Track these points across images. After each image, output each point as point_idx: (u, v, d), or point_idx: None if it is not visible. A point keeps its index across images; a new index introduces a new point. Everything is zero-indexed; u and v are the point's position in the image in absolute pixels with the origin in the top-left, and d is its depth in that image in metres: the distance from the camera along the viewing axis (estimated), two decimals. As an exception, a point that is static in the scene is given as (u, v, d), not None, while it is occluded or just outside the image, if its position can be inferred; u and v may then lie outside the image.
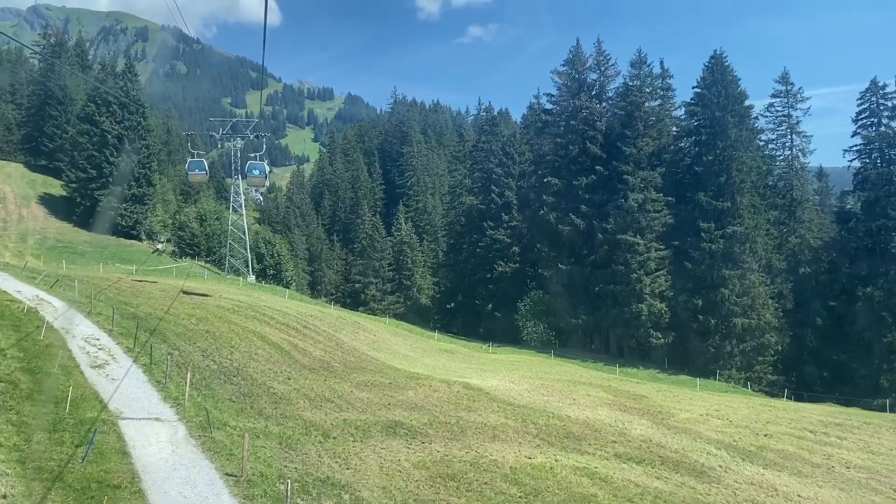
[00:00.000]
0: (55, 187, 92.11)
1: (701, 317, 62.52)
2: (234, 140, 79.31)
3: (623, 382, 49.36)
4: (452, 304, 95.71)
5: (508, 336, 79.78)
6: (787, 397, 53.78)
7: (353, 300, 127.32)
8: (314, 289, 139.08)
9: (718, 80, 65.83)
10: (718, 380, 59.53)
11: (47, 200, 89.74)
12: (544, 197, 68.31)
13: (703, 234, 63.13)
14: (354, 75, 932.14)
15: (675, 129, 70.15)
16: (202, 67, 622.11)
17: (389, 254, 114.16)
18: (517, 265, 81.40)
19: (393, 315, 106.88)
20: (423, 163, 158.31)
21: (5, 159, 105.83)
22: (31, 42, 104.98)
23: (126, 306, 40.78)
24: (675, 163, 70.27)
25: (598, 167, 66.01)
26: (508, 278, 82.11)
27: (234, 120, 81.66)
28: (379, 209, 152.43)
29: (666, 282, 63.40)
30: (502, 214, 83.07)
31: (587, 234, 65.78)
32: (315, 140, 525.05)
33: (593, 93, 71.62)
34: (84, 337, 32.73)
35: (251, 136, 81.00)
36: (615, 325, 64.64)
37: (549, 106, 73.07)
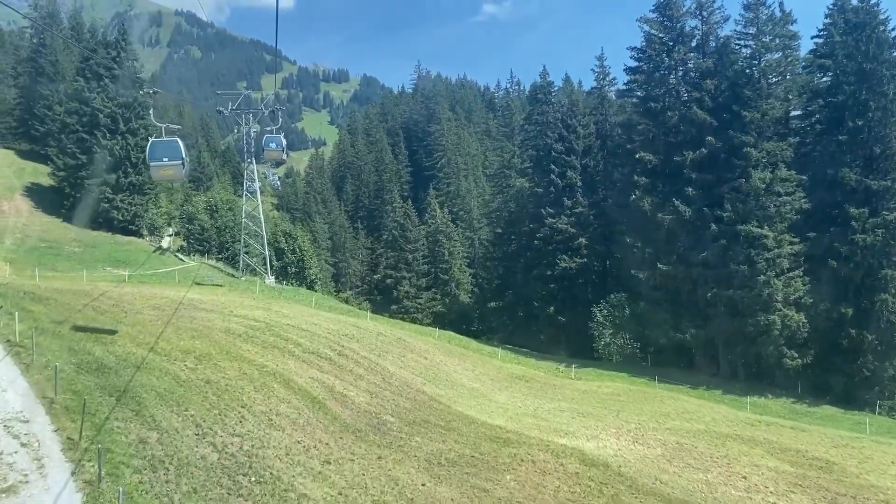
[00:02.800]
0: (45, 177, 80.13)
1: (853, 330, 48.99)
2: (246, 116, 66.60)
3: (781, 432, 36.29)
4: (500, 304, 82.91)
5: (576, 345, 66.93)
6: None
7: (382, 295, 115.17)
8: (338, 281, 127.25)
9: (863, 22, 51.84)
10: (879, 413, 46.25)
11: (34, 192, 77.79)
12: (635, 178, 54.41)
13: (853, 223, 49.37)
14: (369, 56, 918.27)
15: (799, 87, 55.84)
16: (217, 52, 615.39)
17: (423, 244, 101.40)
18: (583, 260, 68.19)
19: (431, 315, 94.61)
20: (453, 141, 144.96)
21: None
22: (24, 18, 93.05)
23: (91, 347, 28.33)
24: (800, 131, 56.52)
25: (708, 138, 51.99)
26: (573, 276, 68.94)
27: (246, 91, 68.90)
28: (406, 193, 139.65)
29: (804, 285, 49.74)
30: (564, 199, 69.77)
31: (695, 224, 52.07)
32: (331, 123, 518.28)
33: (694, 44, 57.59)
34: (2, 419, 20.34)
35: (265, 112, 68.31)
36: (733, 342, 51.34)
37: (634, 63, 59.36)
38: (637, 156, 53.97)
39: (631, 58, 59.78)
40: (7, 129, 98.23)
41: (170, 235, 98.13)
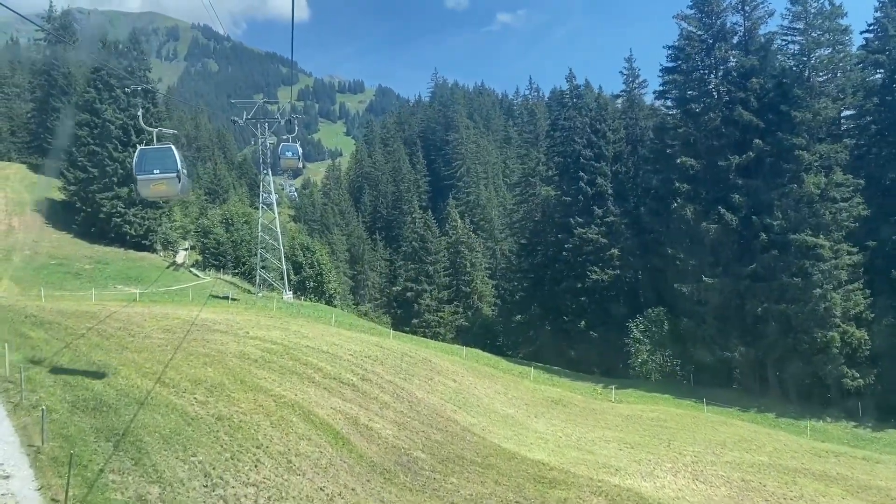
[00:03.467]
0: (56, 191, 78.02)
1: (921, 348, 44.96)
2: (261, 125, 64.00)
3: (854, 464, 32.69)
4: (525, 317, 79.49)
5: (609, 362, 63.47)
6: None
7: (403, 309, 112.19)
8: (357, 294, 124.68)
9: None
10: (953, 439, 42.44)
11: (46, 207, 75.57)
12: (676, 184, 50.74)
13: (916, 231, 45.56)
14: (384, 67, 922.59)
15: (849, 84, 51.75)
16: (233, 65, 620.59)
17: (444, 256, 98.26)
18: (616, 272, 64.68)
19: (454, 329, 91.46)
20: (472, 150, 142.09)
21: (5, 160, 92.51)
22: (36, 27, 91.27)
23: (90, 381, 25.46)
24: (853, 132, 52.69)
25: (755, 140, 48.18)
26: (605, 288, 65.40)
27: (262, 101, 66.41)
28: (424, 203, 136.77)
29: (864, 299, 45.89)
30: (594, 207, 66.36)
31: (741, 234, 48.26)
32: (347, 134, 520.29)
33: (735, 41, 53.90)
34: (-23, 476, 17.41)
35: (281, 122, 65.66)
36: (786, 360, 47.37)
37: (670, 63, 55.64)
38: (678, 161, 50.38)
39: (667, 57, 56.49)
40: (22, 143, 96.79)
41: (185, 249, 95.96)
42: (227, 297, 57.60)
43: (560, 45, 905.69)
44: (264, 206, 67.67)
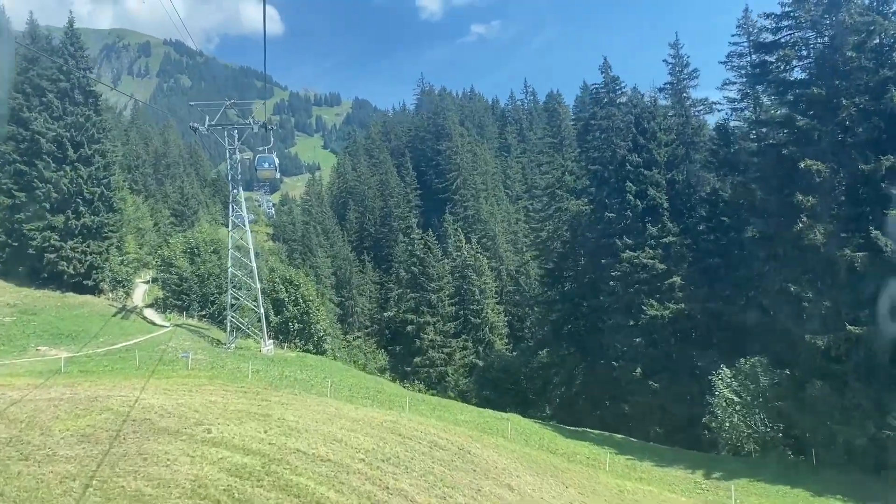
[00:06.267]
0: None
1: None
2: (229, 133, 50.80)
3: None
4: (553, 357, 66.50)
5: (675, 419, 50.55)
6: None
7: (395, 338, 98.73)
8: (344, 322, 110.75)
9: None
10: None
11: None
12: (798, 197, 37.09)
13: None
14: (361, 80, 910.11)
15: None
16: (206, 80, 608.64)
17: (449, 282, 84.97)
18: (679, 306, 51.66)
19: (464, 369, 78.09)
20: (467, 160, 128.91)
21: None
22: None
23: None
24: None
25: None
26: (663, 327, 52.25)
27: (228, 102, 52.83)
28: (415, 220, 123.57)
29: None
30: (646, 225, 53.46)
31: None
32: (325, 147, 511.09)
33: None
34: None
35: (254, 128, 52.18)
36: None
37: (768, 36, 42.40)
38: (801, 165, 37.06)
39: (765, 29, 43.49)
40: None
41: (146, 283, 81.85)
42: (186, 358, 43.67)
43: (536, 56, 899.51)
44: (236, 228, 54.09)
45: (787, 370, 39.90)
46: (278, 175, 57.97)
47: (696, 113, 59.25)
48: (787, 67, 42.14)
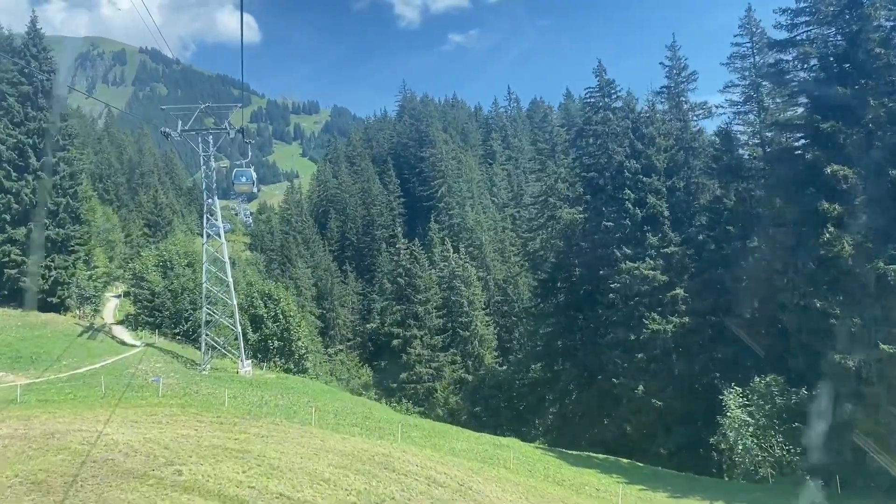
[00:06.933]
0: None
1: None
2: (203, 137, 47.45)
3: None
4: (547, 374, 63.62)
5: (678, 438, 47.82)
6: None
7: (380, 352, 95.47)
8: (326, 335, 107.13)
9: None
10: None
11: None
12: (824, 205, 34.20)
13: None
14: (339, 88, 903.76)
15: None
16: (183, 88, 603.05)
17: (436, 293, 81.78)
18: (683, 319, 48.99)
19: (454, 385, 74.87)
20: (452, 167, 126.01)
21: None
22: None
23: None
24: None
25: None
26: (665, 342, 49.47)
27: (205, 105, 49.61)
28: (397, 229, 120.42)
29: None
30: (646, 234, 50.79)
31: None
32: (303, 155, 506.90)
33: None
34: None
35: (230, 132, 48.79)
36: None
37: (779, 35, 39.59)
38: (827, 170, 34.25)
39: (780, 26, 40.54)
40: None
41: (117, 296, 77.84)
42: (157, 382, 40.10)
43: (516, 64, 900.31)
44: (210, 237, 50.66)
45: (805, 390, 37.09)
46: (256, 189, 56.27)
47: (695, 117, 56.89)
48: (805, 66, 39.68)
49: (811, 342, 35.91)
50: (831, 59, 37.54)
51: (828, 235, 33.54)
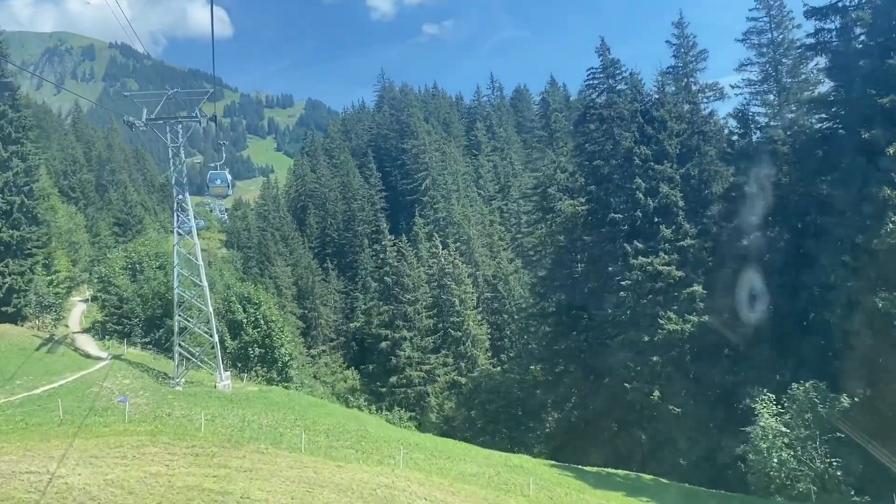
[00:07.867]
0: None
1: None
2: (172, 127, 42.67)
3: None
4: (551, 378, 59.58)
5: (700, 447, 44.01)
6: None
7: (366, 355, 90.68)
8: (308, 335, 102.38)
9: None
10: None
11: None
12: (886, 192, 30.42)
13: None
14: (313, 81, 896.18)
15: None
16: (154, 83, 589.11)
17: (426, 292, 77.44)
18: (702, 318, 45.10)
19: (448, 390, 70.72)
20: (436, 158, 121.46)
21: None
22: None
23: None
24: None
25: None
26: (681, 343, 45.65)
27: (172, 91, 44.77)
28: (380, 224, 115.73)
29: None
30: (659, 227, 46.88)
31: None
32: (278, 149, 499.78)
33: None
34: None
35: (200, 122, 43.95)
36: None
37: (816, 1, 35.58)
38: (889, 151, 30.37)
39: None
40: None
41: (84, 300, 72.51)
42: (124, 403, 35.33)
43: (493, 54, 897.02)
44: (182, 236, 45.75)
45: (855, 398, 33.35)
46: (231, 192, 53.79)
47: (705, 99, 52.94)
48: (852, 35, 35.76)
49: (869, 343, 32.04)
50: (881, 27, 33.65)
51: (890, 226, 29.70)
